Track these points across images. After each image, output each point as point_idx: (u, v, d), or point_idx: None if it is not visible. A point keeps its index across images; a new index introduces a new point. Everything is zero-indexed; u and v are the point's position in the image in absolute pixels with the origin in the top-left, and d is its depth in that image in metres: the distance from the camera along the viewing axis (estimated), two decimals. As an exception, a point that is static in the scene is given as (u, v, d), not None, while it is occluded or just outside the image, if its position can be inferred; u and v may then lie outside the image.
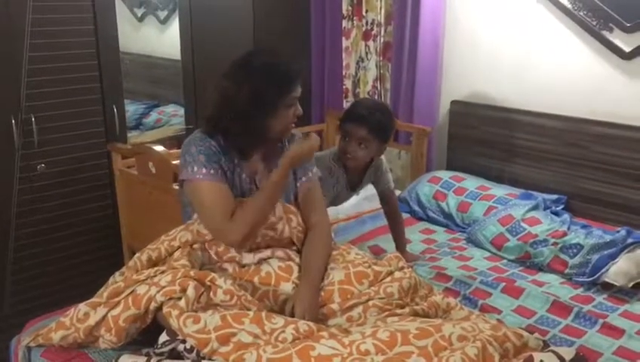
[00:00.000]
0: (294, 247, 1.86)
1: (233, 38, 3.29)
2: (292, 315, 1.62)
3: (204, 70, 3.32)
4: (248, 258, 1.75)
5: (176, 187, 1.89)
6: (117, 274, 1.76)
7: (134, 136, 3.35)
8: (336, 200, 2.36)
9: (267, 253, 1.77)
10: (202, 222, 1.74)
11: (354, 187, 2.32)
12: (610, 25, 2.58)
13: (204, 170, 1.71)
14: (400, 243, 2.37)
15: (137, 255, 1.76)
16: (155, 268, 1.63)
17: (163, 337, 1.49)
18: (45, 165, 2.78)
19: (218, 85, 1.77)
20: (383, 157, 2.32)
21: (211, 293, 1.55)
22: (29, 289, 2.86)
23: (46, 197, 2.83)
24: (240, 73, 1.74)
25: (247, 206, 1.72)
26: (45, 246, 2.88)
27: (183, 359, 1.46)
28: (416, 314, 1.68)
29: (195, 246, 1.75)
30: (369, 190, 2.48)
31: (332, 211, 2.46)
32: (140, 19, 3.70)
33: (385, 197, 2.37)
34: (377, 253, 2.37)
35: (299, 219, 1.87)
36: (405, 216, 2.84)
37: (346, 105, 3.61)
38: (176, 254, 1.72)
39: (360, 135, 2.11)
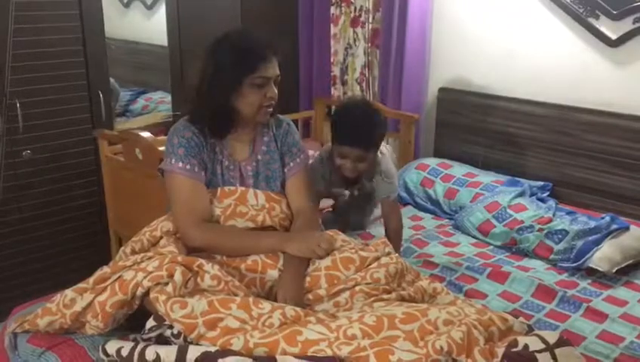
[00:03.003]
0: (279, 234, 1.86)
1: (220, 23, 3.26)
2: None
3: (191, 56, 3.29)
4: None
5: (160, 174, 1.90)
6: (105, 267, 1.75)
7: (121, 123, 3.33)
8: (332, 195, 2.33)
9: (253, 239, 1.77)
10: (172, 213, 1.77)
11: (352, 185, 2.25)
12: (597, 12, 2.59)
13: (180, 164, 1.74)
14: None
15: (122, 248, 1.78)
16: (142, 254, 1.62)
17: (150, 323, 1.49)
18: (31, 151, 2.76)
19: (195, 66, 1.80)
20: (387, 154, 2.22)
21: (198, 279, 1.55)
22: (15, 276, 2.84)
23: (32, 184, 2.81)
24: (209, 51, 1.77)
25: (226, 232, 1.75)
26: (31, 232, 2.86)
27: (170, 344, 1.46)
28: (402, 299, 1.69)
29: (178, 235, 1.76)
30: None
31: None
32: (126, 5, 3.66)
33: (382, 208, 2.22)
34: (367, 239, 2.37)
35: (282, 207, 1.88)
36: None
37: (333, 92, 3.60)
38: (163, 241, 1.72)
39: (356, 155, 2.05)
